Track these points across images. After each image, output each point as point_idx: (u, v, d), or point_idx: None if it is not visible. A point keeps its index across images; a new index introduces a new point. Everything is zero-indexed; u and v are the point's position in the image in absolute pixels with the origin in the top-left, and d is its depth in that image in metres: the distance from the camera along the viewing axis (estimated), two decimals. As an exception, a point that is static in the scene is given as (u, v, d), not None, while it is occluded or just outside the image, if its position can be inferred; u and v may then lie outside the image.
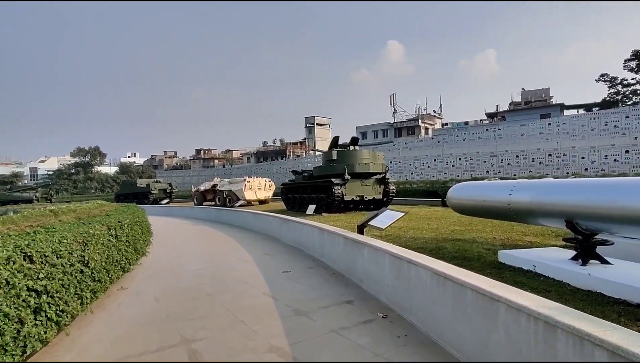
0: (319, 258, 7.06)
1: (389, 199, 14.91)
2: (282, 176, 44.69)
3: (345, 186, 13.84)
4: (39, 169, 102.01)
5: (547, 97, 56.65)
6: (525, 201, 4.42)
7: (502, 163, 33.02)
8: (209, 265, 7.04)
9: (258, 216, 12.35)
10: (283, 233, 9.76)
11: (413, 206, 16.75)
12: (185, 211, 21.43)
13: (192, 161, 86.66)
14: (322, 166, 14.93)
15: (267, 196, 24.49)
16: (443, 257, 5.25)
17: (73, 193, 72.37)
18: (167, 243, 10.29)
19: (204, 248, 9.28)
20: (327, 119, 73.21)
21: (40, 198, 39.47)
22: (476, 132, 35.53)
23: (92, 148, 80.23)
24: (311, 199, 15.10)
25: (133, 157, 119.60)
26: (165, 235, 12.19)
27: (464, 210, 5.70)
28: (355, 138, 15.79)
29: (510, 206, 4.65)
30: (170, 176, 65.77)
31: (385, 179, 14.62)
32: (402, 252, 4.11)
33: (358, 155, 14.37)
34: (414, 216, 12.18)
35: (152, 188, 31.65)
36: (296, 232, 8.71)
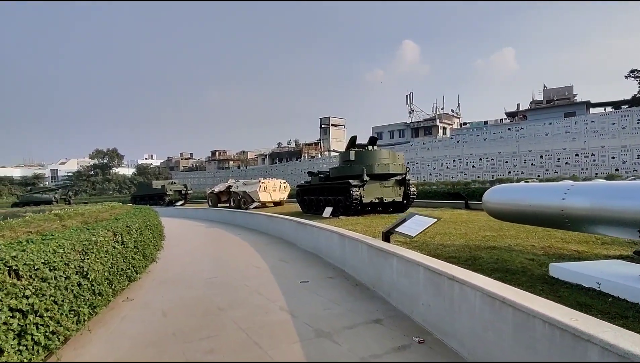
0: (340, 267, 6.52)
1: (409, 201, 14.25)
2: (296, 178, 44.35)
3: (363, 187, 13.25)
4: (59, 171, 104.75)
5: (570, 96, 54.67)
6: (584, 207, 3.78)
7: (525, 164, 31.77)
8: (221, 272, 6.58)
9: (273, 219, 11.90)
10: (299, 238, 9.27)
11: (435, 209, 16.03)
12: (199, 212, 21.21)
13: (208, 163, 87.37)
14: (340, 167, 14.38)
15: (282, 198, 24.09)
16: (481, 269, 4.64)
17: (91, 194, 73.92)
18: (179, 247, 9.93)
19: (216, 253, 8.85)
20: (342, 120, 72.60)
21: (59, 199, 40.16)
22: (497, 131, 34.31)
23: (110, 150, 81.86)
24: (328, 202, 14.57)
25: (150, 159, 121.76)
26: (178, 238, 11.86)
27: (504, 215, 5.08)
28: (374, 138, 15.18)
29: (563, 212, 4.02)
30: (185, 178, 66.38)
31: (406, 181, 13.96)
32: (441, 266, 3.53)
33: (377, 155, 13.76)
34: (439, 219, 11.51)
35: (168, 189, 31.71)
36: (313, 237, 8.20)
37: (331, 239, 7.09)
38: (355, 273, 5.82)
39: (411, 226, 4.99)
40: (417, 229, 4.79)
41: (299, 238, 9.32)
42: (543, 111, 47.13)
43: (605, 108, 45.83)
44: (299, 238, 9.32)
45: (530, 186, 4.83)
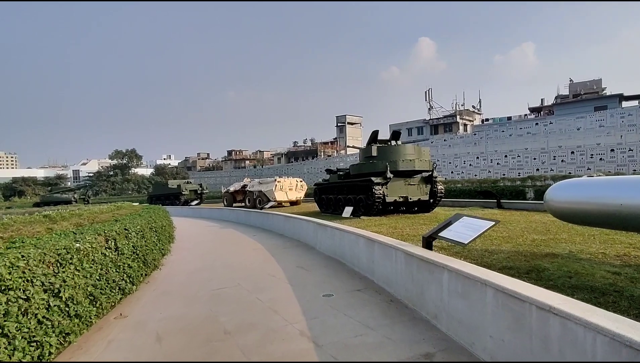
0: (368, 276, 5.60)
1: (436, 200, 13.18)
2: (313, 176, 43.54)
3: (387, 185, 12.27)
4: (80, 171, 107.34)
5: (599, 89, 52.03)
6: None
7: (555, 160, 30.00)
8: (231, 282, 5.76)
9: (290, 220, 11.06)
10: (319, 241, 8.39)
11: (463, 208, 14.88)
12: (214, 212, 20.63)
13: (224, 162, 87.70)
14: (361, 164, 13.42)
15: (298, 197, 23.29)
16: (554, 286, 3.65)
17: (111, 194, 75.22)
18: (189, 251, 9.20)
19: (228, 258, 8.06)
20: (358, 118, 71.44)
21: (78, 199, 40.55)
22: (524, 127, 32.57)
23: (129, 151, 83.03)
24: (348, 201, 13.65)
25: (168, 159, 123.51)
26: (189, 240, 11.17)
27: (580, 217, 4.06)
28: (397, 132, 14.15)
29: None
30: (202, 177, 66.61)
31: (433, 178, 12.90)
32: (522, 288, 2.58)
33: (401, 151, 12.74)
34: (470, 220, 10.45)
35: (183, 189, 31.39)
36: (335, 240, 7.30)
37: (356, 243, 6.17)
38: (387, 285, 4.89)
39: (460, 231, 4.03)
40: (469, 234, 3.83)
41: (318, 241, 8.44)
42: (571, 106, 44.84)
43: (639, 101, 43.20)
44: (318, 241, 8.44)
45: (615, 180, 3.80)
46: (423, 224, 10.03)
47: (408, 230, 8.99)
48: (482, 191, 16.65)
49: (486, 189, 16.77)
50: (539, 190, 16.59)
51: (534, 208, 13.36)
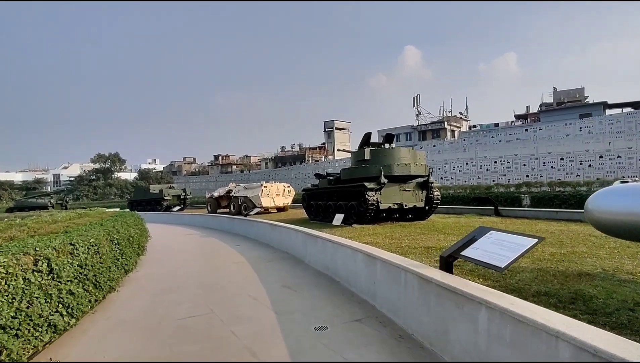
0: (368, 300, 4.70)
1: (432, 207, 12.40)
2: (301, 182, 42.60)
3: (381, 191, 11.44)
4: (61, 175, 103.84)
5: (582, 97, 52.85)
6: None
7: (545, 166, 29.81)
8: (204, 307, 4.77)
9: (276, 229, 10.10)
10: (309, 253, 7.46)
11: (459, 216, 14.17)
12: (196, 219, 19.47)
13: (210, 167, 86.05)
14: (352, 168, 12.57)
15: (286, 203, 22.29)
16: (622, 325, 2.81)
17: (93, 199, 72.83)
18: (161, 264, 8.15)
19: (204, 273, 7.05)
20: (346, 123, 71.00)
21: (55, 204, 38.61)
22: (514, 133, 32.39)
23: (112, 154, 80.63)
24: (338, 207, 12.76)
25: (154, 163, 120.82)
26: (163, 250, 10.10)
27: (632, 231, 3.26)
28: (390, 135, 13.37)
29: None
30: (187, 182, 65.01)
31: (429, 183, 12.13)
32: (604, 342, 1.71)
33: (396, 154, 11.94)
34: (472, 229, 9.67)
35: (165, 194, 29.99)
36: (327, 254, 6.39)
37: (353, 259, 5.27)
38: (394, 314, 3.99)
39: (490, 250, 3.16)
40: (504, 255, 2.96)
41: (308, 253, 7.51)
42: (557, 113, 45.16)
43: (623, 109, 43.82)
44: (308, 253, 7.51)
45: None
46: (421, 233, 9.21)
47: (407, 240, 8.14)
48: (477, 197, 16.00)
49: (482, 196, 16.12)
50: (535, 197, 16.04)
51: (534, 215, 12.72)
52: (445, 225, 10.90)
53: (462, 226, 10.54)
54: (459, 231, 9.61)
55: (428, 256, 6.19)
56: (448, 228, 10.28)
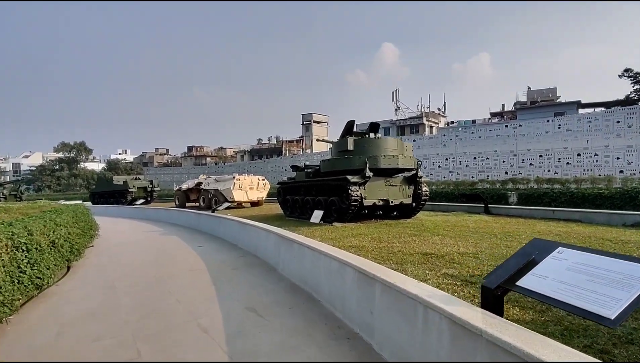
0: (362, 336, 3.43)
1: (420, 204, 11.32)
2: (277, 175, 40.99)
3: (365, 185, 10.24)
4: (21, 164, 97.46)
5: (554, 97, 53.88)
6: None
7: (524, 163, 29.62)
8: (128, 347, 3.36)
9: (246, 228, 8.69)
10: (283, 260, 6.13)
11: (446, 213, 13.19)
12: (161, 214, 17.68)
13: (184, 159, 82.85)
14: (334, 160, 11.27)
15: (260, 197, 20.83)
16: None
17: (56, 190, 68.66)
18: (97, 272, 6.61)
19: (149, 288, 5.58)
20: (325, 117, 69.75)
21: (7, 196, 35.33)
22: (494, 129, 32.04)
23: (78, 143, 76.16)
24: (317, 203, 11.48)
25: (124, 154, 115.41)
26: (108, 253, 8.50)
27: None
28: (375, 124, 12.14)
29: None
30: (158, 174, 62.02)
31: (417, 178, 11.03)
32: None
33: (382, 145, 10.73)
34: (467, 230, 8.61)
35: (130, 186, 27.75)
36: (306, 264, 5.09)
37: (341, 275, 4.00)
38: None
39: (572, 281, 1.95)
40: (610, 295, 1.76)
41: (282, 260, 6.18)
42: (533, 111, 45.53)
43: (595, 109, 44.71)
44: (282, 260, 6.18)
45: None
46: (412, 234, 8.07)
47: (398, 244, 6.96)
48: (465, 193, 15.10)
49: (470, 192, 15.25)
50: (523, 194, 15.34)
51: (529, 214, 11.85)
52: (436, 224, 9.83)
53: (454, 226, 9.50)
54: (453, 231, 8.54)
55: (431, 267, 5.00)
56: (439, 227, 9.20)
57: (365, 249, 6.54)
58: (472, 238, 7.58)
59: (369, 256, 5.84)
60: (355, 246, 6.78)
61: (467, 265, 5.13)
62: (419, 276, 4.53)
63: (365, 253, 6.20)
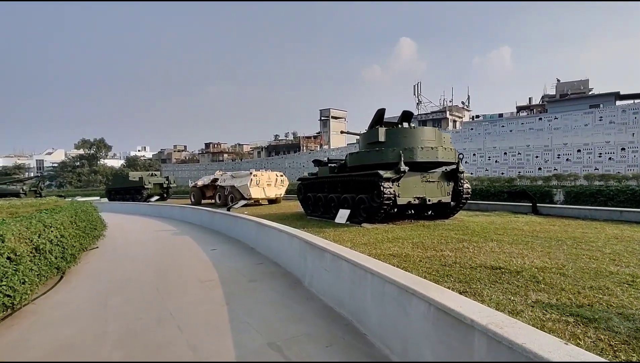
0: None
1: (460, 203, 9.99)
2: (295, 171, 39.93)
3: (399, 182, 8.99)
4: (45, 161, 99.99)
5: (586, 89, 50.86)
6: None
7: (559, 159, 27.56)
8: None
9: (264, 230, 7.58)
10: (311, 272, 4.98)
11: (486, 213, 11.77)
12: (175, 211, 16.85)
13: (201, 155, 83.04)
14: (362, 153, 10.03)
15: (278, 194, 19.79)
16: None
17: (77, 186, 69.93)
18: (90, 284, 5.62)
19: (146, 309, 4.53)
20: (343, 112, 68.34)
21: (27, 192, 35.54)
22: (526, 122, 29.96)
23: (97, 140, 77.27)
24: (343, 202, 10.30)
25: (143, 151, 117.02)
26: (110, 257, 7.55)
27: None
28: (409, 113, 10.85)
29: None
30: (176, 170, 62.16)
31: (459, 173, 9.70)
32: None
33: (419, 135, 9.43)
34: (523, 234, 7.24)
35: (146, 182, 27.21)
36: (344, 281, 3.92)
37: (402, 307, 2.81)
38: None
39: None
40: None
41: (310, 272, 5.03)
42: (564, 103, 42.91)
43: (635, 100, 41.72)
44: (310, 272, 5.03)
45: None
46: (460, 239, 6.78)
47: (448, 252, 5.71)
48: (511, 191, 13.58)
49: (516, 189, 13.73)
50: (571, 192, 13.72)
51: (588, 215, 10.26)
52: (482, 227, 8.49)
53: (505, 228, 8.14)
54: (507, 236, 7.20)
55: (512, 290, 3.74)
56: (488, 231, 7.87)
57: (411, 259, 5.32)
58: (536, 245, 6.24)
59: (419, 270, 4.61)
60: (397, 255, 5.57)
61: (559, 286, 3.85)
62: (504, 305, 3.29)
63: (411, 264, 4.99)
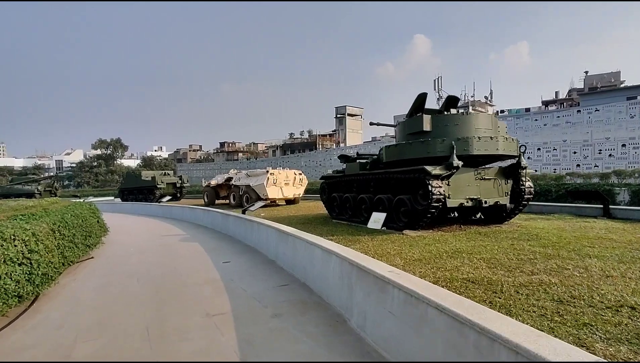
0: None
1: (519, 206, 8.27)
2: (312, 170, 38.40)
3: (449, 179, 7.35)
4: (64, 161, 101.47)
5: (617, 82, 47.83)
6: None
7: (601, 154, 25.24)
8: None
9: (289, 240, 6.06)
10: (359, 307, 3.44)
11: (545, 216, 9.99)
12: (185, 213, 15.57)
13: (216, 155, 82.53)
14: (402, 145, 8.40)
15: (296, 194, 18.29)
16: None
17: (94, 186, 70.38)
18: (63, 320, 4.22)
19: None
20: (359, 110, 66.46)
21: (42, 192, 35.13)
22: (563, 115, 27.63)
23: (114, 140, 77.62)
24: (377, 203, 8.71)
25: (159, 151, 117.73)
26: (104, 272, 6.18)
27: None
28: (454, 98, 9.18)
29: None
30: (190, 169, 61.54)
31: (520, 168, 7.99)
32: None
33: (473, 122, 7.76)
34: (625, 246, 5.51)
35: (158, 181, 26.17)
36: (426, 334, 2.36)
37: None
38: None
39: None
40: None
41: (359, 307, 3.48)
42: (599, 95, 40.08)
43: (677, 92, 38.59)
44: (359, 307, 3.48)
45: None
46: (546, 255, 5.12)
47: (545, 276, 4.08)
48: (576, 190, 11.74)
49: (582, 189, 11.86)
50: (638, 191, 11.79)
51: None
52: (556, 235, 6.75)
53: (587, 238, 6.39)
54: (601, 248, 5.49)
55: None
56: (569, 241, 6.15)
57: (500, 288, 3.70)
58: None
59: (530, 313, 3.00)
60: (476, 281, 3.97)
61: None
62: None
63: (509, 300, 3.37)
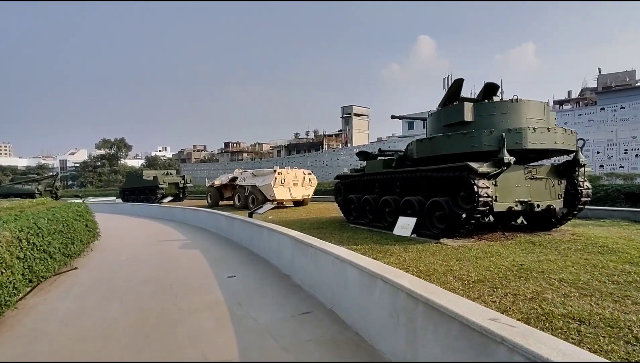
0: None
1: (575, 209, 7.05)
2: (318, 171, 37.28)
3: (496, 179, 6.16)
4: (68, 161, 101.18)
5: (632, 81, 46.16)
6: None
7: (627, 154, 23.88)
8: None
9: (308, 251, 4.90)
10: (429, 356, 2.26)
11: (599, 223, 8.74)
12: (188, 215, 14.46)
13: (220, 155, 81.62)
14: (438, 138, 7.20)
15: (306, 195, 17.14)
16: None
17: (98, 186, 69.82)
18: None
19: None
20: (365, 109, 65.25)
21: (43, 192, 34.24)
22: (585, 113, 26.29)
23: (118, 140, 76.98)
24: (405, 206, 7.52)
25: (164, 151, 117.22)
26: (82, 289, 5.05)
27: None
28: (493, 85, 8.01)
29: None
30: (194, 169, 60.66)
31: (579, 166, 6.79)
32: None
33: (524, 111, 6.58)
34: None
35: (160, 181, 25.15)
36: None
37: None
38: None
39: None
40: None
41: (416, 349, 2.30)
42: (619, 94, 38.54)
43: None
44: (416, 349, 2.30)
45: None
46: (630, 280, 3.93)
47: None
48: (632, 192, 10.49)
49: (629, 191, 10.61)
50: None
51: None
52: (629, 246, 5.57)
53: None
54: None
55: None
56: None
57: (630, 334, 2.50)
58: None
59: None
60: (582, 319, 2.77)
61: None
62: None
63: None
